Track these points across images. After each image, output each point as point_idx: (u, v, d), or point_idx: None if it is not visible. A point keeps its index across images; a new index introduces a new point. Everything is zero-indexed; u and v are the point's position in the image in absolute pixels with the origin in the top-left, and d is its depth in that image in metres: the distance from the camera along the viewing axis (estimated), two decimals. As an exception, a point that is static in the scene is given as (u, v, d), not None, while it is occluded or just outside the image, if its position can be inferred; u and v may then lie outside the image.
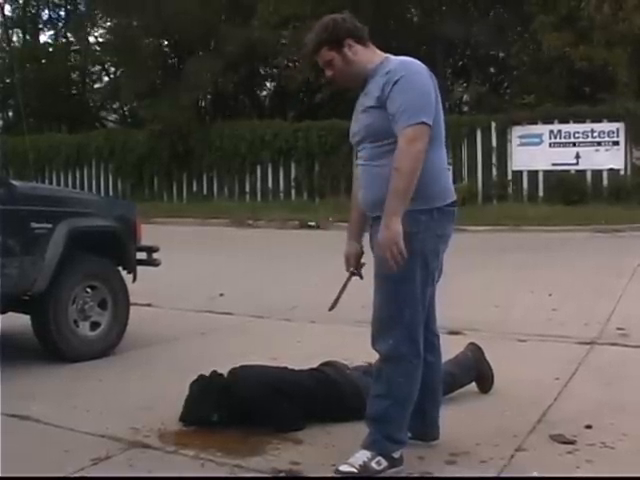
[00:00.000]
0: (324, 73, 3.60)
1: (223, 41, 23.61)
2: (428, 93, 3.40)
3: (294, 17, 22.64)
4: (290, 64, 25.16)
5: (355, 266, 3.70)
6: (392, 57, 3.56)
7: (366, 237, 3.68)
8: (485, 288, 8.56)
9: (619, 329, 6.29)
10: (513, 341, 6.03)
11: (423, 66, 3.49)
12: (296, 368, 4.35)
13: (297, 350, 5.65)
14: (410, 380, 3.46)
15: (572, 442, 3.76)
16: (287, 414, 4.00)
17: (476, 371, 4.57)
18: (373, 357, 3.58)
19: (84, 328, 5.73)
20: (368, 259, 3.64)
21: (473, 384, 4.59)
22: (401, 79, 3.36)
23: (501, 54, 25.07)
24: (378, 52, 3.59)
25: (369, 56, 3.55)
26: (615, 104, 18.74)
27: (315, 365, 4.40)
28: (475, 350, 4.66)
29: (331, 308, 3.71)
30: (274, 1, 22.63)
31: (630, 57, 18.97)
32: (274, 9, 22.83)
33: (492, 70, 26.30)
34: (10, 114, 30.11)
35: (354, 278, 3.71)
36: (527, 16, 21.13)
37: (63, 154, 25.76)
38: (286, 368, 4.38)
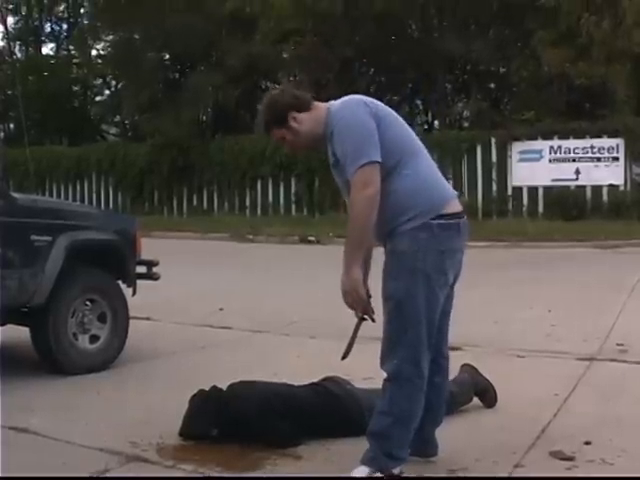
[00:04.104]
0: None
1: (224, 55, 23.72)
2: (364, 132, 3.37)
3: (295, 32, 22.75)
4: (291, 79, 25.23)
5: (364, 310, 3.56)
6: (330, 107, 3.56)
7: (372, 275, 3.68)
8: (484, 303, 8.54)
9: (619, 345, 6.28)
10: (512, 357, 6.02)
11: (357, 100, 3.50)
12: (296, 383, 4.35)
13: (297, 365, 5.63)
14: (412, 400, 3.46)
15: (571, 458, 3.75)
16: (286, 430, 3.99)
17: (475, 389, 4.56)
18: (373, 372, 3.58)
19: (83, 341, 5.73)
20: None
21: (477, 400, 4.59)
22: (334, 129, 3.43)
23: (501, 70, 25.12)
24: (321, 108, 3.58)
25: (315, 119, 3.55)
26: (614, 120, 18.79)
27: (316, 380, 4.39)
28: (470, 370, 4.66)
29: (344, 357, 3.64)
30: (275, 16, 22.72)
31: (629, 73, 19.04)
32: (275, 24, 22.93)
33: (492, 86, 26.35)
34: (11, 126, 30.17)
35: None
36: (527, 32, 21.22)
37: (63, 167, 25.80)
38: (285, 384, 4.37)
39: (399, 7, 21.48)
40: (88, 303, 5.81)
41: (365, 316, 3.53)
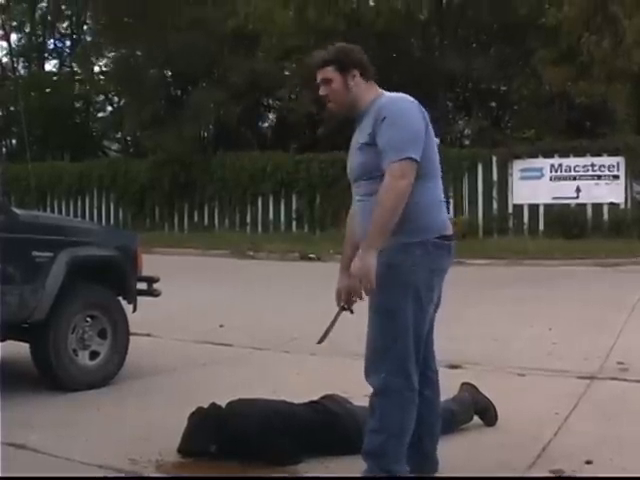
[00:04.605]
0: (318, 90, 3.65)
1: (226, 72, 23.80)
2: (416, 129, 3.45)
3: (297, 49, 22.84)
4: (293, 96, 25.32)
5: (346, 301, 3.69)
6: (386, 93, 3.61)
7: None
8: (485, 321, 8.54)
9: (619, 363, 6.27)
10: (513, 375, 6.01)
11: (413, 102, 3.53)
12: (296, 401, 4.34)
13: (297, 382, 5.63)
14: (403, 413, 3.45)
15: (572, 478, 3.73)
16: (285, 447, 3.98)
17: (475, 407, 4.56)
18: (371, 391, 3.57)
19: (83, 357, 5.72)
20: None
21: (477, 419, 4.58)
22: (389, 115, 3.42)
23: (502, 88, 25.21)
24: (377, 89, 3.65)
25: (367, 91, 3.61)
26: (615, 138, 18.84)
27: (315, 398, 4.39)
28: (470, 389, 4.65)
29: (320, 341, 3.70)
30: (277, 33, 22.83)
31: (629, 92, 19.10)
32: (277, 41, 23.04)
33: (493, 104, 26.43)
34: (13, 142, 30.25)
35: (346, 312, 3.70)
36: (528, 51, 21.32)
37: (65, 182, 25.83)
38: (285, 401, 4.36)
39: (401, 25, 21.60)
40: (88, 319, 5.80)
41: (346, 306, 3.60)
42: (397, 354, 3.42)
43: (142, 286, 6.35)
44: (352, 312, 3.63)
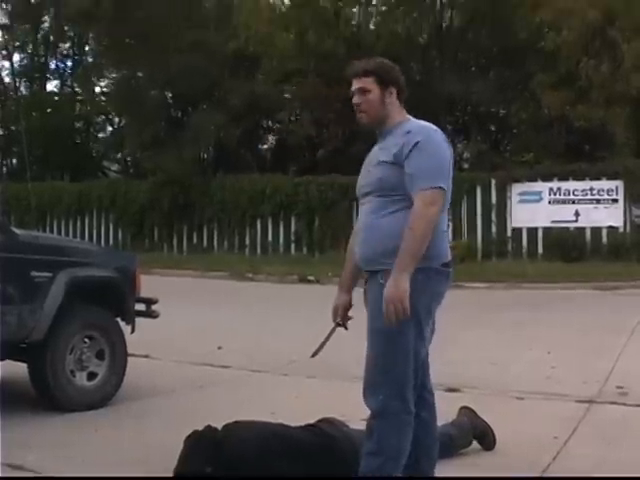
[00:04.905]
0: (353, 98, 3.67)
1: (227, 94, 23.88)
2: (447, 160, 3.53)
3: (297, 72, 22.98)
4: (292, 119, 25.41)
5: (342, 317, 3.74)
6: (412, 119, 3.67)
7: (357, 291, 3.71)
8: (483, 345, 8.52)
9: (618, 387, 6.26)
10: (511, 399, 5.99)
11: (442, 133, 3.60)
12: (293, 424, 4.32)
13: (295, 405, 5.61)
14: (401, 436, 3.46)
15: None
16: (284, 470, 3.96)
17: (474, 432, 4.54)
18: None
19: (81, 378, 5.71)
20: (358, 314, 3.65)
21: (476, 443, 4.56)
22: (422, 142, 3.47)
23: (501, 112, 25.31)
24: (405, 113, 3.70)
25: (398, 112, 3.67)
26: (614, 162, 18.88)
27: (312, 421, 4.37)
28: (468, 413, 4.64)
29: (313, 355, 3.78)
30: (278, 56, 22.95)
31: (628, 116, 19.17)
32: (278, 64, 23.16)
33: (492, 127, 26.52)
34: (14, 161, 30.31)
35: (341, 329, 3.74)
36: (527, 75, 21.41)
37: (65, 202, 25.84)
38: (282, 424, 4.34)
39: (401, 49, 21.71)
40: (86, 340, 5.80)
41: (341, 322, 3.73)
42: (396, 378, 3.43)
43: (140, 307, 6.35)
44: (346, 328, 3.72)
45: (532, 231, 19.69)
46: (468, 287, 13.95)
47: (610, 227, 18.91)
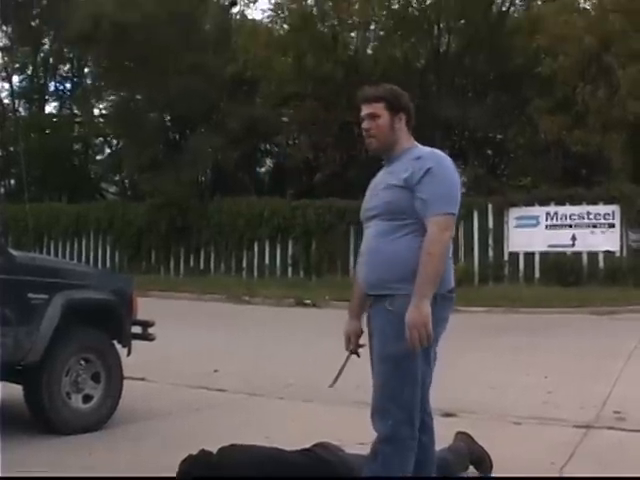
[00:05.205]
0: (362, 123, 3.69)
1: (225, 118, 23.96)
2: (457, 186, 3.59)
3: (295, 96, 23.07)
4: (290, 142, 25.50)
5: (354, 344, 3.73)
6: (421, 145, 3.71)
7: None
8: (480, 369, 8.51)
9: (616, 412, 6.25)
10: (508, 424, 5.98)
11: (451, 160, 3.64)
12: (288, 448, 4.30)
13: (291, 430, 5.59)
14: (405, 461, 3.46)
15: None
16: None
17: (471, 457, 4.52)
18: (368, 438, 3.55)
19: (76, 400, 5.69)
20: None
21: (472, 468, 4.54)
22: (434, 168, 3.51)
23: (498, 136, 25.40)
24: (413, 140, 3.74)
25: (406, 138, 3.70)
26: (611, 187, 18.93)
27: (308, 446, 4.35)
28: (465, 438, 4.63)
29: (332, 385, 3.76)
30: (276, 80, 23.06)
31: (624, 141, 19.25)
32: (276, 88, 23.26)
33: (489, 152, 26.60)
34: (12, 182, 30.32)
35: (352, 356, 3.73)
36: (524, 100, 21.53)
37: (62, 224, 25.83)
38: (277, 448, 4.32)
39: (398, 73, 21.82)
40: (82, 362, 5.79)
41: (354, 350, 3.72)
42: (405, 403, 3.45)
43: (137, 330, 6.34)
44: (359, 356, 3.72)
45: (529, 255, 19.69)
46: (465, 311, 13.90)
47: (607, 252, 18.93)
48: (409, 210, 3.49)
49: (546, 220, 19.55)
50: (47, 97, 31.60)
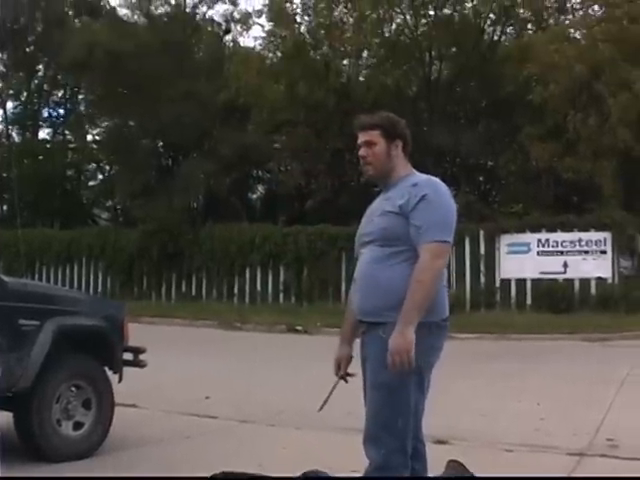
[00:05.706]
0: (359, 150, 3.72)
1: (217, 144, 24.06)
2: (453, 214, 3.59)
3: (287, 123, 23.17)
4: (282, 169, 25.58)
5: (344, 370, 3.72)
6: (418, 173, 3.73)
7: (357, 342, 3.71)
8: (472, 396, 8.48)
9: (609, 440, 6.22)
10: (500, 451, 5.95)
11: (447, 187, 3.66)
12: (280, 476, 4.29)
13: (282, 457, 5.57)
14: None
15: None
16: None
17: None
18: (360, 465, 3.54)
19: (67, 427, 5.65)
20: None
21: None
22: (429, 195, 3.52)
23: (490, 163, 25.53)
24: (410, 167, 3.76)
25: (403, 165, 3.72)
26: (602, 214, 19.00)
27: (299, 474, 4.33)
28: (457, 466, 4.60)
29: (320, 409, 3.73)
30: (268, 107, 23.16)
31: (615, 168, 19.37)
32: (268, 115, 23.35)
33: (481, 179, 26.73)
34: (4, 207, 30.30)
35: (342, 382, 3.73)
36: (515, 127, 21.67)
37: (54, 250, 25.77)
38: (268, 477, 4.30)
39: (390, 101, 21.94)
40: (73, 389, 5.76)
41: (343, 375, 3.71)
42: (398, 432, 3.44)
43: (128, 356, 6.32)
44: (346, 382, 3.71)
45: (521, 282, 19.72)
46: (456, 337, 13.87)
47: (599, 278, 18.98)
48: (404, 237, 3.50)
49: (538, 247, 19.60)
50: (40, 123, 31.68)
